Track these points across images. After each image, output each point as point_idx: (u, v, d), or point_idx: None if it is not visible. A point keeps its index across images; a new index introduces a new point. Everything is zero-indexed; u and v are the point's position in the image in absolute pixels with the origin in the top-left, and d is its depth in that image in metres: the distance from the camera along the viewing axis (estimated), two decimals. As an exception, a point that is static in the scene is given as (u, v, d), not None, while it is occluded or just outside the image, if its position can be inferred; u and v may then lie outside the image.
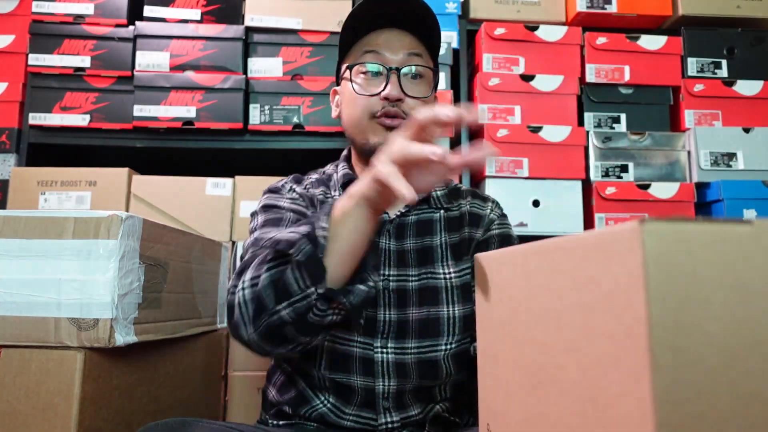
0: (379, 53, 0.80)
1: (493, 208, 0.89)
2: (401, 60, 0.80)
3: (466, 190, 0.91)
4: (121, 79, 1.41)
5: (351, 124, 0.83)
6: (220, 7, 1.44)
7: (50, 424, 0.66)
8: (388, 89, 0.78)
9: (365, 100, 0.80)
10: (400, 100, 0.79)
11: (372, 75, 0.81)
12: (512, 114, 1.45)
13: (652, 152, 1.45)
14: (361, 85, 0.81)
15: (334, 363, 0.75)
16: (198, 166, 1.52)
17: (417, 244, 0.82)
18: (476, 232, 0.85)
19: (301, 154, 1.47)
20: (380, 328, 0.76)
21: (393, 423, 0.75)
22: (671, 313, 0.27)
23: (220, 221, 1.32)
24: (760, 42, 1.53)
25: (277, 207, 0.81)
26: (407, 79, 0.80)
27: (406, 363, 0.75)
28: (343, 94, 0.85)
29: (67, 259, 0.69)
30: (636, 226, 0.28)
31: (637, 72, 1.48)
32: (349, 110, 0.83)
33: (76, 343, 0.68)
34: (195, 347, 0.97)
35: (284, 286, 0.60)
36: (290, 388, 0.79)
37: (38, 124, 1.39)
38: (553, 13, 1.54)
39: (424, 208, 0.85)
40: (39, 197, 1.32)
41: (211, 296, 1.05)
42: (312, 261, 0.58)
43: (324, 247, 0.58)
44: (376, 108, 0.79)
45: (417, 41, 0.83)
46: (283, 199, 0.83)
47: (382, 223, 0.82)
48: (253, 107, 1.41)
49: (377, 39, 0.81)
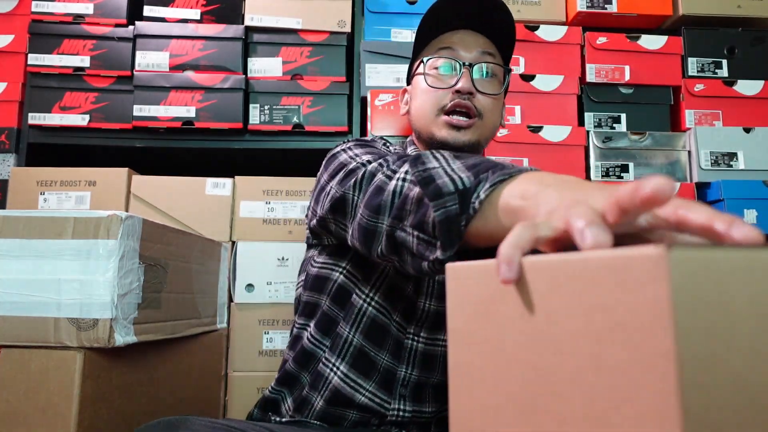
0: (454, 50, 0.83)
1: None
2: (474, 57, 0.83)
3: None
4: (121, 78, 1.41)
5: (419, 117, 0.85)
6: (219, 7, 1.44)
7: (50, 424, 0.66)
8: (461, 82, 0.81)
9: (435, 93, 0.82)
10: (471, 94, 0.81)
11: (445, 70, 0.84)
12: (512, 114, 1.44)
13: (653, 152, 1.45)
14: (433, 80, 0.84)
15: (372, 332, 0.75)
16: (198, 166, 1.51)
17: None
18: None
19: (301, 154, 1.47)
20: (418, 314, 0.76)
21: (404, 413, 0.74)
22: (700, 348, 0.26)
23: (219, 221, 1.32)
24: (760, 42, 1.53)
25: (370, 146, 0.75)
26: (479, 76, 0.83)
27: (435, 355, 0.75)
28: (415, 88, 0.88)
29: (66, 259, 0.69)
30: (662, 253, 0.26)
31: (637, 72, 1.48)
32: (418, 103, 0.85)
33: (75, 343, 0.68)
34: (195, 347, 0.97)
35: (421, 224, 0.52)
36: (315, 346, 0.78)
37: (38, 123, 1.39)
38: (553, 12, 1.54)
39: None
40: (38, 197, 1.31)
41: (211, 296, 1.05)
42: (450, 229, 0.48)
43: (471, 217, 0.47)
44: (445, 101, 0.81)
45: (490, 42, 0.86)
46: (377, 145, 0.79)
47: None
48: (252, 107, 1.41)
49: (452, 37, 0.84)
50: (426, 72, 0.85)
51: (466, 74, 0.81)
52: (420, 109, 0.85)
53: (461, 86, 0.81)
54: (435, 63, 0.85)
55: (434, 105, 0.82)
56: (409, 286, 0.76)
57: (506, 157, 1.41)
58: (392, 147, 0.89)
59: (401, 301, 0.76)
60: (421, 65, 0.86)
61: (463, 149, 0.82)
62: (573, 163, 1.42)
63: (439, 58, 0.84)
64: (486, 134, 0.85)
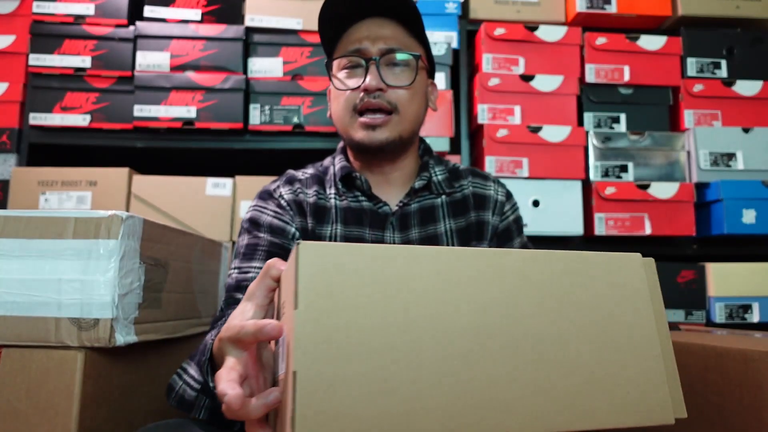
0: (360, 45, 0.78)
1: (497, 188, 0.88)
2: (381, 50, 0.78)
3: (464, 170, 0.90)
4: (122, 79, 1.41)
5: (337, 120, 0.82)
6: (220, 8, 1.45)
7: (50, 423, 0.66)
8: (367, 80, 0.77)
9: (347, 94, 0.79)
10: (381, 90, 0.77)
11: (353, 69, 0.80)
12: (512, 114, 1.45)
13: (652, 152, 1.45)
14: (342, 80, 0.80)
15: None
16: (198, 166, 1.52)
17: (421, 233, 0.82)
18: (485, 214, 0.85)
19: (301, 154, 1.47)
20: None
21: None
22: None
23: (220, 221, 1.32)
24: (759, 42, 1.53)
25: (258, 226, 0.80)
26: (388, 69, 0.79)
27: None
28: (330, 91, 0.85)
29: (67, 259, 0.69)
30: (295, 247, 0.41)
31: (636, 72, 1.48)
32: (334, 106, 0.82)
33: (76, 343, 0.68)
34: (195, 347, 0.97)
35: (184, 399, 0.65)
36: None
37: (39, 124, 1.39)
38: (553, 13, 1.54)
39: (425, 194, 0.84)
40: (39, 197, 1.32)
41: (212, 296, 1.05)
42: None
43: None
44: (356, 101, 0.78)
45: (400, 28, 0.81)
46: (268, 211, 0.81)
47: (385, 216, 0.81)
48: (253, 107, 1.42)
49: (357, 32, 0.80)
50: (333, 74, 0.81)
51: (372, 71, 0.77)
52: (336, 113, 0.81)
53: (367, 84, 0.76)
54: (341, 63, 0.81)
55: (347, 107, 0.79)
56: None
57: (506, 158, 1.41)
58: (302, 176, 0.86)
59: None
60: (334, 66, 0.82)
61: (382, 149, 0.79)
62: (572, 163, 1.42)
63: (343, 58, 0.80)
64: (407, 127, 0.81)
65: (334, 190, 0.83)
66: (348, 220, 0.81)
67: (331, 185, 0.84)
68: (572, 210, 1.42)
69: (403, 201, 0.82)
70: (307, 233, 0.80)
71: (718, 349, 0.70)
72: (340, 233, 0.80)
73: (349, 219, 0.81)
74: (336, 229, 0.81)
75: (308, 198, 0.83)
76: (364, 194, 0.82)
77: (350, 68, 0.80)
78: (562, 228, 1.41)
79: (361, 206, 0.82)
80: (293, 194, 0.83)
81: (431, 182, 0.84)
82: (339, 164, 0.85)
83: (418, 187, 0.82)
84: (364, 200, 0.82)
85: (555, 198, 1.42)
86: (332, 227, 0.81)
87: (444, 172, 0.87)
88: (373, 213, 0.82)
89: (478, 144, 1.48)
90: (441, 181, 0.85)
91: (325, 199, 0.83)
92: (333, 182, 0.84)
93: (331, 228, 0.81)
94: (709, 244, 1.47)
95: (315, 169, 0.89)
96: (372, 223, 0.81)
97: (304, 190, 0.84)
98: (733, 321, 1.37)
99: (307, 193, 0.84)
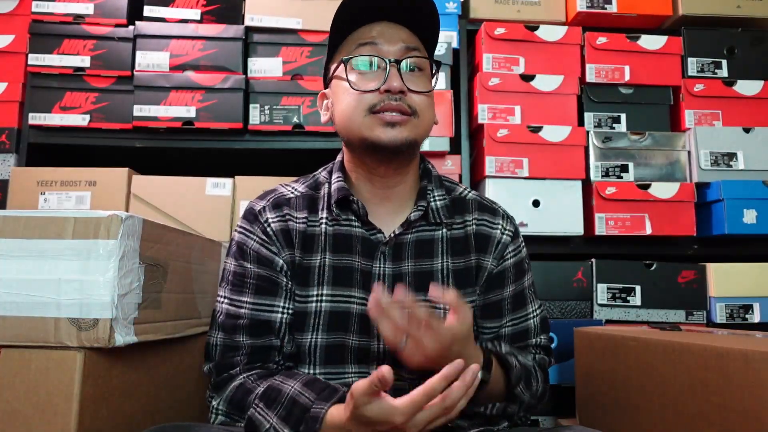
0: (375, 45, 0.74)
1: (505, 226, 0.82)
2: (399, 52, 0.74)
3: (472, 200, 0.83)
4: (121, 79, 1.41)
5: (346, 122, 0.75)
6: (220, 7, 1.45)
7: (50, 424, 0.66)
8: (392, 83, 0.71)
9: (362, 96, 0.73)
10: (403, 93, 0.72)
11: (368, 70, 0.74)
12: (512, 114, 1.45)
13: (652, 152, 1.45)
14: (357, 81, 0.74)
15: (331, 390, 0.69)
16: (198, 166, 1.52)
17: (416, 266, 0.77)
18: (485, 258, 0.79)
19: (301, 154, 1.47)
20: (373, 356, 0.73)
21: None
22: None
23: (220, 221, 1.32)
24: (760, 42, 1.53)
25: (244, 254, 0.77)
26: (407, 72, 0.74)
27: (404, 389, 0.66)
28: (336, 93, 0.78)
29: (66, 259, 0.69)
30: None
31: (637, 72, 1.48)
32: (342, 106, 0.75)
33: (75, 343, 0.68)
34: (195, 347, 0.97)
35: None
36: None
37: (38, 124, 1.39)
38: (553, 13, 1.54)
39: (422, 224, 0.78)
40: (39, 197, 1.32)
41: (211, 296, 1.05)
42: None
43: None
44: (375, 103, 0.72)
45: (413, 34, 0.78)
46: (254, 237, 0.77)
47: (376, 246, 0.77)
48: (253, 107, 1.42)
49: (371, 31, 0.75)
50: (348, 74, 0.74)
51: (394, 72, 0.72)
52: (345, 113, 0.74)
53: (392, 86, 0.71)
54: (357, 62, 0.74)
55: (362, 108, 0.73)
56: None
57: (506, 158, 1.41)
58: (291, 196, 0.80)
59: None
60: (341, 66, 0.76)
61: (399, 149, 0.73)
62: (573, 163, 1.42)
63: (360, 56, 0.74)
64: (422, 134, 0.76)
65: (326, 213, 0.78)
66: (338, 248, 0.77)
67: (323, 207, 0.79)
68: (572, 210, 1.42)
69: (398, 231, 0.77)
70: (295, 266, 0.77)
71: (718, 349, 0.70)
72: (328, 263, 0.76)
73: (339, 246, 0.77)
74: (324, 258, 0.76)
75: (297, 225, 0.78)
76: (358, 219, 0.78)
77: (365, 68, 0.75)
78: (563, 228, 1.41)
79: (352, 232, 0.77)
80: (281, 222, 0.78)
81: (429, 210, 0.78)
82: (336, 184, 0.78)
83: (414, 219, 0.77)
84: (357, 226, 0.78)
85: (555, 198, 1.42)
86: (321, 256, 0.76)
87: (444, 197, 0.81)
88: (366, 240, 0.77)
89: (478, 144, 1.48)
90: (440, 207, 0.79)
91: (314, 225, 0.78)
92: (326, 204, 0.79)
93: (320, 257, 0.77)
94: (709, 245, 1.47)
95: (306, 186, 0.82)
96: (363, 252, 0.77)
97: (293, 214, 0.78)
98: (734, 321, 1.37)
99: (296, 218, 0.78)
